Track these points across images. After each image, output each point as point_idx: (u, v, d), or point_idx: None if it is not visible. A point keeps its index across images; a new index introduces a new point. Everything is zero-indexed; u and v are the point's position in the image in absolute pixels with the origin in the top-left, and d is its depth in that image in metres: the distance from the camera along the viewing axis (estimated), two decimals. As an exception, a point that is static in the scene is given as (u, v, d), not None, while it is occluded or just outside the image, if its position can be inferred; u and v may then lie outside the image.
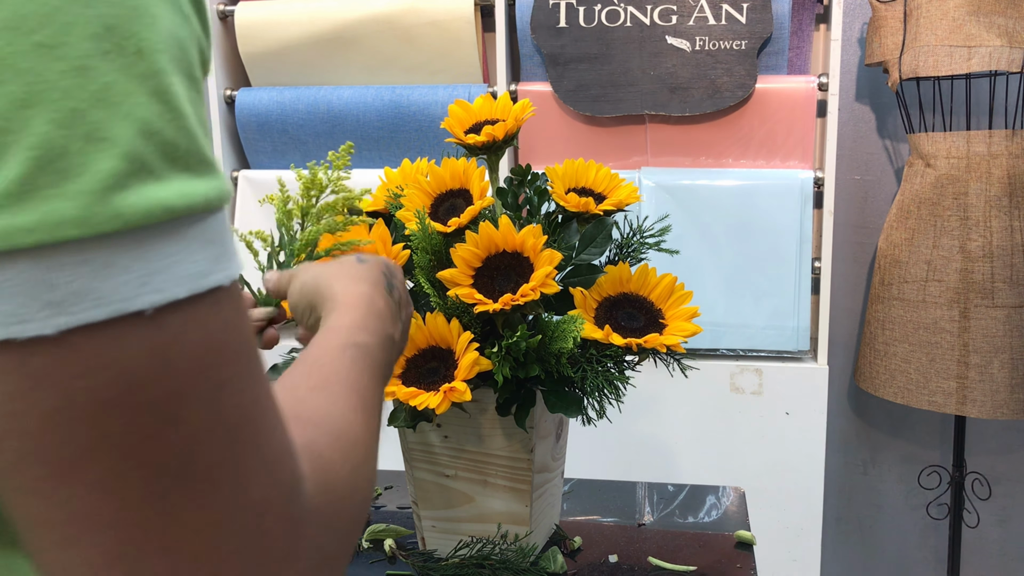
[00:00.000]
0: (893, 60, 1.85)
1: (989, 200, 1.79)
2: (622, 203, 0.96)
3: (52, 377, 0.29)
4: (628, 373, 0.90)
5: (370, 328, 0.57)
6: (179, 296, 0.31)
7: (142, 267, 0.30)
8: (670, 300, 0.93)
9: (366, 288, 0.61)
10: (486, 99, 1.00)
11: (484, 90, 1.94)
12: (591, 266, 0.95)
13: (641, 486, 1.23)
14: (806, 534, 1.88)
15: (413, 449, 0.98)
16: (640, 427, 1.90)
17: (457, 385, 0.82)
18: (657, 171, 1.89)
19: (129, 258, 0.30)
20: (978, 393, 1.81)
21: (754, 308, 1.85)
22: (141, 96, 0.31)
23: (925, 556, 2.24)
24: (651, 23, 1.84)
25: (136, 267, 0.30)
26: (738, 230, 1.85)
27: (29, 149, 0.28)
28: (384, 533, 1.08)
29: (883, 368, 1.93)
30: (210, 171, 0.33)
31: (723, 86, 1.83)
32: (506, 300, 0.83)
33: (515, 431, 0.93)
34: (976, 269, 1.80)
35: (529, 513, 0.96)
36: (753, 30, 1.80)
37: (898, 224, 1.90)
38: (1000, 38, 1.73)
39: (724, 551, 1.04)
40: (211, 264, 0.33)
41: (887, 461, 2.23)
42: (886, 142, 2.12)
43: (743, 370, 1.85)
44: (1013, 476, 2.16)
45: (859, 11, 2.07)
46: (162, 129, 0.31)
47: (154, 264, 0.30)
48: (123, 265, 0.30)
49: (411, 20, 1.91)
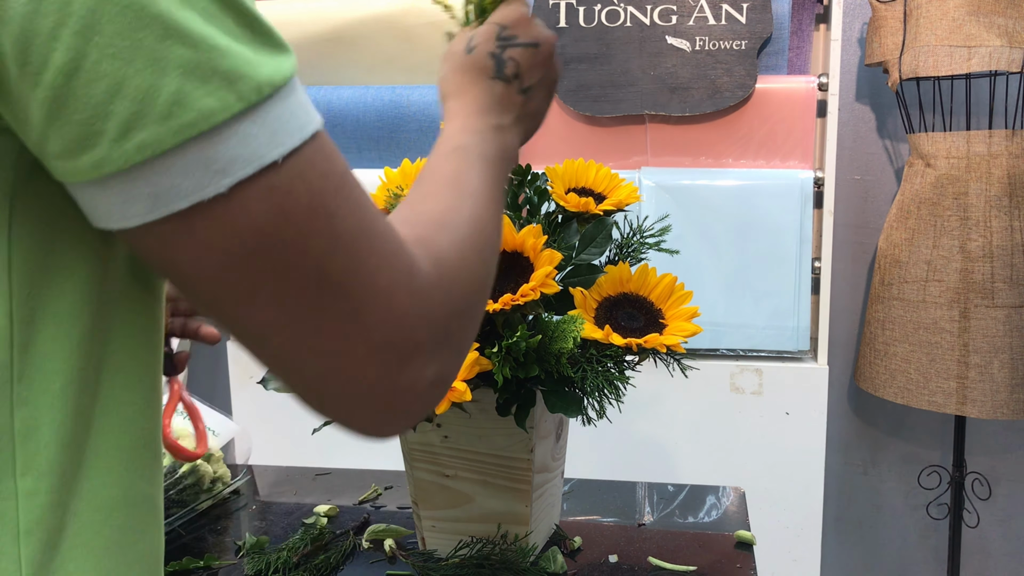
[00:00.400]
0: (893, 60, 1.85)
1: (989, 200, 1.79)
2: (622, 203, 0.96)
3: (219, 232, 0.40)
4: (628, 373, 0.90)
5: (470, 128, 0.64)
6: (295, 145, 0.41)
7: (266, 130, 0.41)
8: (670, 300, 0.93)
9: (466, 87, 0.67)
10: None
11: (484, 90, 1.94)
12: (591, 266, 0.95)
13: (641, 486, 1.23)
14: (806, 534, 1.88)
15: (413, 449, 0.98)
16: (640, 427, 1.90)
17: (457, 385, 0.82)
18: (657, 171, 1.89)
19: (256, 126, 0.40)
20: (978, 393, 1.81)
21: (754, 308, 1.85)
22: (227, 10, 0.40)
23: (925, 556, 2.24)
24: (651, 23, 1.84)
25: (264, 132, 0.40)
26: (738, 230, 1.85)
27: (177, 68, 0.38)
28: (384, 533, 1.08)
29: (883, 368, 1.93)
30: (281, 44, 0.43)
31: (723, 86, 1.83)
32: (506, 300, 0.83)
33: (515, 431, 0.93)
34: (976, 269, 1.80)
35: (529, 513, 0.96)
36: (753, 30, 1.80)
37: (898, 224, 1.90)
38: (1000, 38, 1.73)
39: (724, 551, 1.04)
40: (305, 116, 0.43)
41: (887, 461, 2.23)
42: (886, 142, 2.12)
43: (743, 370, 1.85)
44: (1013, 476, 2.16)
45: (859, 11, 2.07)
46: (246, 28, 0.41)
47: (272, 126, 0.41)
48: (254, 133, 0.40)
49: (411, 20, 1.91)
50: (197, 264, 0.41)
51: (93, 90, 0.37)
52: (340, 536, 1.08)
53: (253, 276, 0.42)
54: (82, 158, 0.39)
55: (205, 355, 2.48)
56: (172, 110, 0.38)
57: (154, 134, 0.38)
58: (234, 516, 1.18)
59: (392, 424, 0.49)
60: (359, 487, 1.25)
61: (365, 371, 0.45)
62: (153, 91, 0.38)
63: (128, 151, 0.38)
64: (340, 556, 1.03)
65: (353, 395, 0.46)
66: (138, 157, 0.38)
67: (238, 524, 1.16)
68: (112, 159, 0.38)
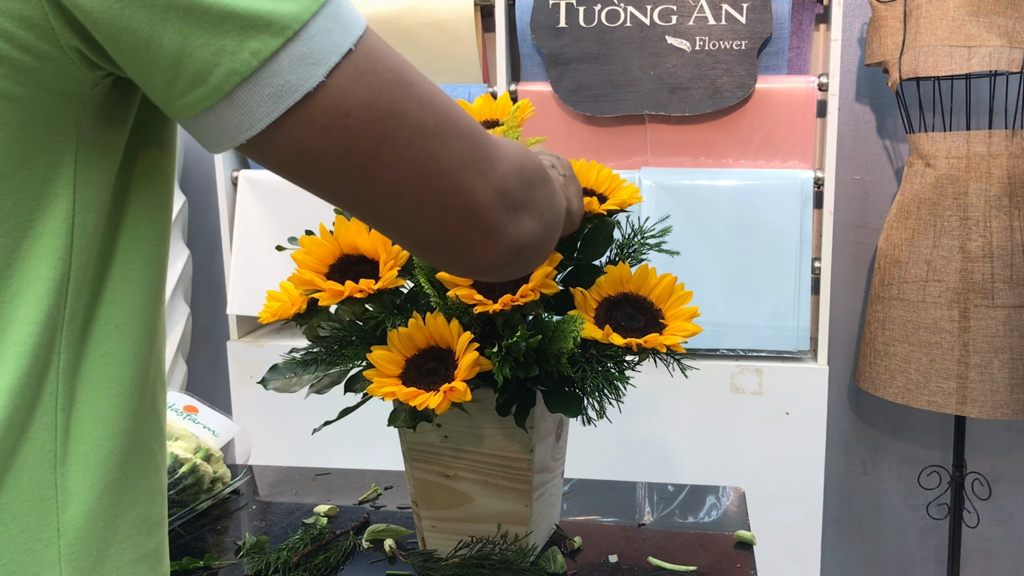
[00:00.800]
0: (893, 60, 1.85)
1: (989, 200, 1.79)
2: (624, 203, 0.96)
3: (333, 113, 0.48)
4: (628, 373, 0.90)
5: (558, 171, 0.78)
6: (359, 34, 0.49)
7: (337, 24, 0.48)
8: (670, 300, 0.93)
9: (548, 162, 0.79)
10: (486, 99, 1.00)
11: (484, 90, 1.94)
12: (591, 266, 0.95)
13: (641, 486, 1.23)
14: (806, 534, 1.88)
15: (413, 449, 0.98)
16: (640, 427, 1.90)
17: (457, 385, 0.82)
18: (657, 171, 1.89)
19: (330, 22, 0.48)
20: (978, 393, 1.81)
21: (754, 308, 1.85)
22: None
23: (925, 556, 2.24)
24: (651, 23, 1.84)
25: (335, 26, 0.48)
26: (738, 230, 1.85)
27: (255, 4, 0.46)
28: (384, 533, 1.08)
29: (883, 368, 1.93)
30: None
31: (723, 86, 1.83)
32: (506, 300, 0.83)
33: (515, 431, 0.93)
34: (976, 269, 1.80)
35: (529, 513, 0.96)
36: (753, 30, 1.80)
37: (898, 224, 1.90)
38: (1000, 38, 1.73)
39: (724, 551, 1.04)
40: (357, 12, 0.50)
41: (887, 461, 2.23)
42: (886, 142, 2.12)
43: (743, 370, 1.85)
44: (1013, 476, 2.16)
45: (859, 11, 2.07)
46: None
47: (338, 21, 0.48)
48: (328, 28, 0.47)
49: (411, 20, 1.91)
50: (323, 146, 0.48)
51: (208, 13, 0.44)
52: (340, 536, 1.08)
53: (373, 141, 0.49)
54: (213, 74, 0.45)
55: (205, 355, 2.49)
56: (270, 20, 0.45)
57: (262, 42, 0.45)
58: (234, 516, 1.18)
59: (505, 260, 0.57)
60: (359, 487, 1.25)
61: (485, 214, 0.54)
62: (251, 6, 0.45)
63: (246, 58, 0.45)
64: (340, 556, 1.03)
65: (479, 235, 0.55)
66: (255, 62, 0.45)
67: (238, 524, 1.16)
68: (236, 68, 0.45)
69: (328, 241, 0.88)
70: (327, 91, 0.47)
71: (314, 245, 0.88)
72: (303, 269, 0.87)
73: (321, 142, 0.48)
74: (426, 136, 0.51)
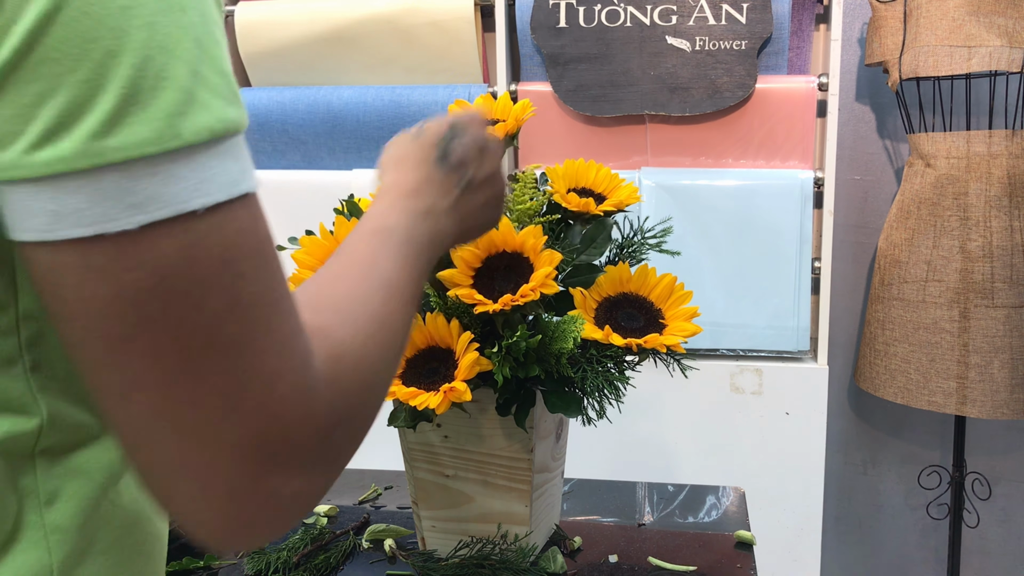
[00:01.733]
0: (893, 60, 1.85)
1: (989, 200, 1.79)
2: (623, 203, 0.96)
3: (116, 267, 0.37)
4: (628, 373, 0.90)
5: (399, 208, 0.62)
6: (220, 199, 0.39)
7: (195, 176, 0.38)
8: (670, 300, 0.93)
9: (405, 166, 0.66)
10: (486, 99, 1.00)
11: (484, 90, 1.94)
12: (591, 266, 0.95)
13: (641, 486, 1.23)
14: (806, 534, 1.88)
15: (413, 449, 0.98)
16: (640, 427, 1.90)
17: (457, 385, 0.82)
18: (657, 171, 1.89)
19: (187, 169, 0.38)
20: (978, 393, 1.81)
21: (754, 308, 1.85)
22: (188, 43, 0.38)
23: (925, 556, 2.24)
24: (651, 23, 1.84)
25: (191, 176, 0.38)
26: (738, 230, 1.85)
27: (119, 88, 0.36)
28: (384, 533, 1.08)
29: (883, 368, 1.93)
30: (237, 100, 0.41)
31: (723, 86, 1.83)
32: (506, 300, 0.83)
33: (515, 431, 0.93)
34: (976, 269, 1.80)
35: (529, 513, 0.97)
36: (753, 30, 1.80)
37: (898, 224, 1.90)
38: (1000, 38, 1.73)
39: (724, 551, 1.04)
40: (241, 175, 0.41)
41: (887, 461, 2.23)
42: (886, 142, 2.12)
43: (743, 370, 1.85)
44: (1013, 476, 2.16)
45: (859, 11, 2.07)
46: (203, 69, 0.39)
47: (203, 174, 0.38)
48: (182, 175, 0.38)
49: (411, 20, 1.91)
50: (82, 293, 0.38)
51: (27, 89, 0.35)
52: (340, 536, 1.08)
53: (138, 319, 0.38)
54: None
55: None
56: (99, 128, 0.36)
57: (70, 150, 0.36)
58: (234, 516, 1.18)
59: (236, 534, 0.43)
60: (359, 487, 1.25)
61: (225, 462, 0.41)
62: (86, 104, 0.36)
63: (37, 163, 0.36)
64: (340, 556, 1.03)
65: (204, 489, 0.41)
66: (46, 171, 0.36)
67: (238, 524, 1.16)
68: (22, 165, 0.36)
69: (328, 241, 0.88)
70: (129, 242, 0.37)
71: (314, 245, 0.88)
72: (303, 269, 0.87)
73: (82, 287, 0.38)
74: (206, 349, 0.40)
